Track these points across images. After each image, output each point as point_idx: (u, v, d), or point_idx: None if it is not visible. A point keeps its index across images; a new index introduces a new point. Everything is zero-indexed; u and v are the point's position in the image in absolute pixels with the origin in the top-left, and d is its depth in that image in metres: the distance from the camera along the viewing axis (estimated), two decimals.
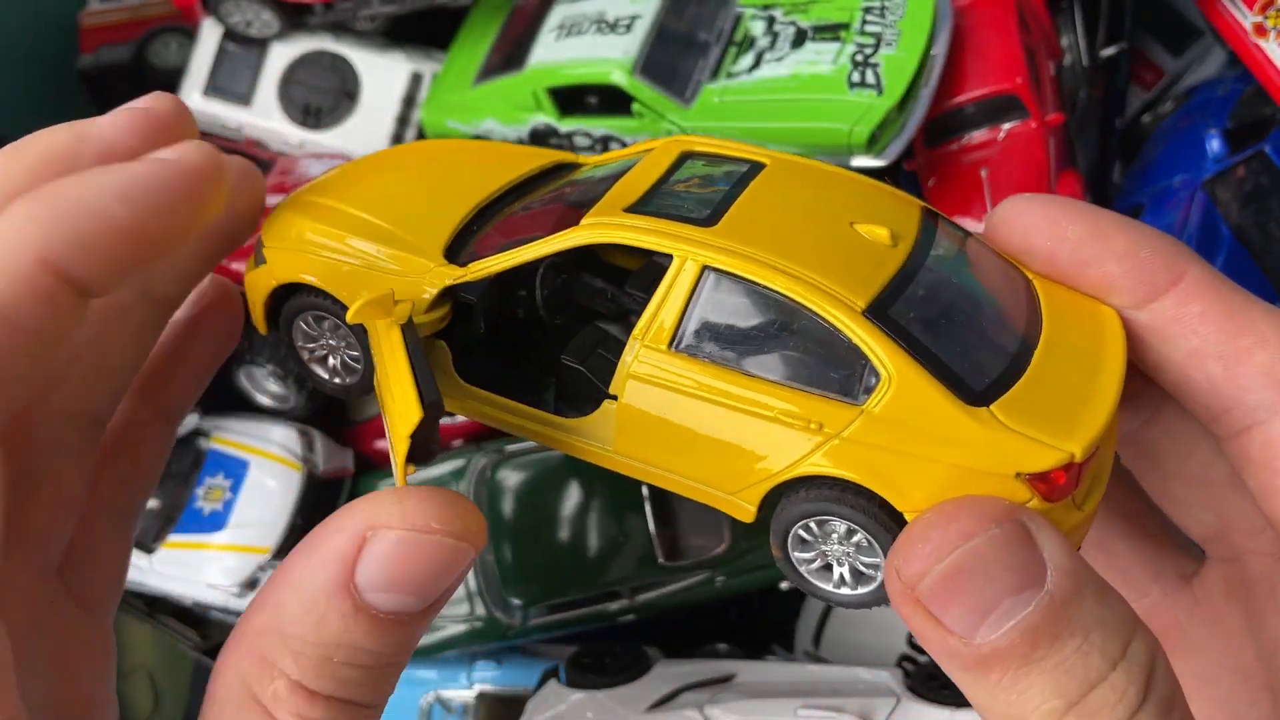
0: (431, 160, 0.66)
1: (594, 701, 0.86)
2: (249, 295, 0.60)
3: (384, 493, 0.45)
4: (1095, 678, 0.42)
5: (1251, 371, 0.50)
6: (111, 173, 0.46)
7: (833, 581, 0.51)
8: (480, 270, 0.53)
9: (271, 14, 1.09)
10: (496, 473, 0.95)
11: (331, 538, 0.45)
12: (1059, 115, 0.96)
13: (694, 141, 0.58)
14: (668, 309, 0.50)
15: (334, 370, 0.59)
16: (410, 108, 1.13)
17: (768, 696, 0.84)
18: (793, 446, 0.48)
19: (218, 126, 1.16)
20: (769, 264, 0.48)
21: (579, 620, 0.96)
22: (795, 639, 1.02)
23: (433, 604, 0.46)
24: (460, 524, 0.45)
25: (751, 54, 0.96)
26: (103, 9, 1.26)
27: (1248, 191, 0.92)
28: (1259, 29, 0.94)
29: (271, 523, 1.01)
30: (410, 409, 0.47)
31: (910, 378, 0.46)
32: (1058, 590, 0.42)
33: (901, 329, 0.47)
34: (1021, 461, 0.45)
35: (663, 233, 0.50)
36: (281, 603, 0.44)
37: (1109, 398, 0.48)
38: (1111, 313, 0.53)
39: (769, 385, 0.48)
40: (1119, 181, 1.11)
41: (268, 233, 0.58)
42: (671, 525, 0.95)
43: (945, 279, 0.51)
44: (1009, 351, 0.49)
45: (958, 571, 0.42)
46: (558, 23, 1.04)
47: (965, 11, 0.98)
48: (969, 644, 0.42)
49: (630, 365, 0.50)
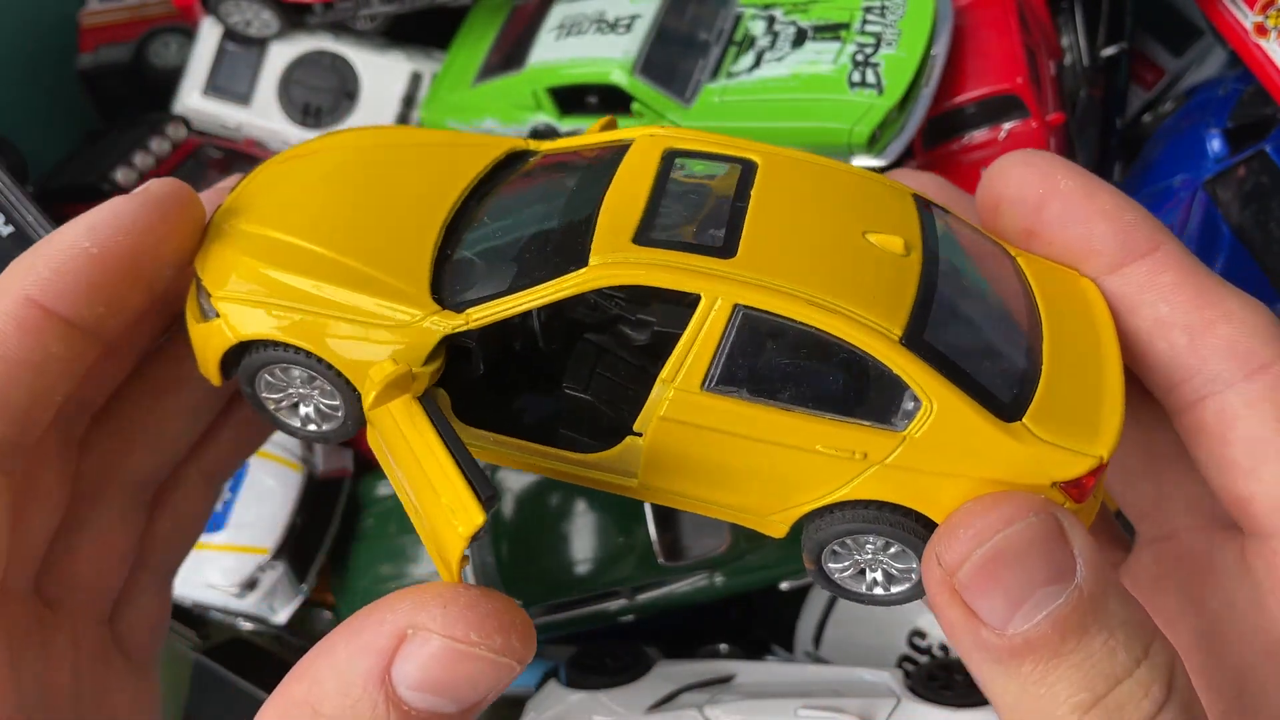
0: (365, 164, 0.58)
1: (594, 702, 0.85)
2: (198, 352, 0.55)
3: (432, 592, 0.44)
4: (1121, 673, 0.43)
5: (1214, 343, 0.51)
6: (83, 216, 0.50)
7: (865, 584, 0.52)
8: (484, 318, 0.49)
9: (271, 14, 1.09)
10: (497, 472, 0.95)
11: (374, 628, 0.44)
12: (1059, 115, 0.96)
13: (673, 137, 0.55)
14: (698, 349, 0.48)
15: (307, 418, 0.55)
16: (410, 108, 1.13)
17: (768, 697, 0.84)
18: (833, 475, 0.48)
19: (217, 126, 1.16)
20: (802, 298, 0.47)
21: (579, 620, 0.96)
22: (795, 639, 1.02)
23: (472, 708, 0.44)
24: (502, 640, 0.43)
25: (752, 54, 0.96)
26: (102, 8, 1.25)
27: (1248, 191, 0.91)
28: (1259, 29, 0.94)
29: (271, 523, 1.01)
30: (468, 511, 0.43)
31: (950, 402, 0.46)
32: (1086, 584, 0.43)
33: (936, 353, 0.47)
34: (1058, 471, 0.46)
35: (687, 269, 0.47)
36: (320, 679, 0.44)
37: (1118, 391, 0.49)
38: (1092, 287, 0.54)
39: (806, 419, 0.47)
40: (1119, 181, 1.11)
41: (209, 278, 0.52)
42: (672, 525, 0.95)
43: (958, 284, 0.51)
44: (1023, 352, 0.50)
45: (997, 557, 0.44)
46: (558, 22, 1.03)
47: (965, 11, 0.98)
48: (1002, 635, 0.43)
49: (661, 409, 0.48)
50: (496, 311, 0.49)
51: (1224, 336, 0.51)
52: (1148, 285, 0.53)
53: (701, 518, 0.96)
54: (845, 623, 0.99)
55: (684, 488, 0.51)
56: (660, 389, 0.49)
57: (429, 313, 0.49)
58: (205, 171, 1.07)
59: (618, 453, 0.50)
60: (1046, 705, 0.43)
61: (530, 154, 0.59)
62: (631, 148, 0.55)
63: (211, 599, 1.01)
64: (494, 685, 0.44)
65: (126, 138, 1.06)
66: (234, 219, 0.54)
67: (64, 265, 0.49)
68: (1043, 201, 0.55)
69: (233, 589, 1.01)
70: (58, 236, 0.50)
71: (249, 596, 1.01)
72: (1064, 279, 0.54)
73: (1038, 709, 0.44)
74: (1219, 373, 0.51)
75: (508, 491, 0.95)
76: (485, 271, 0.51)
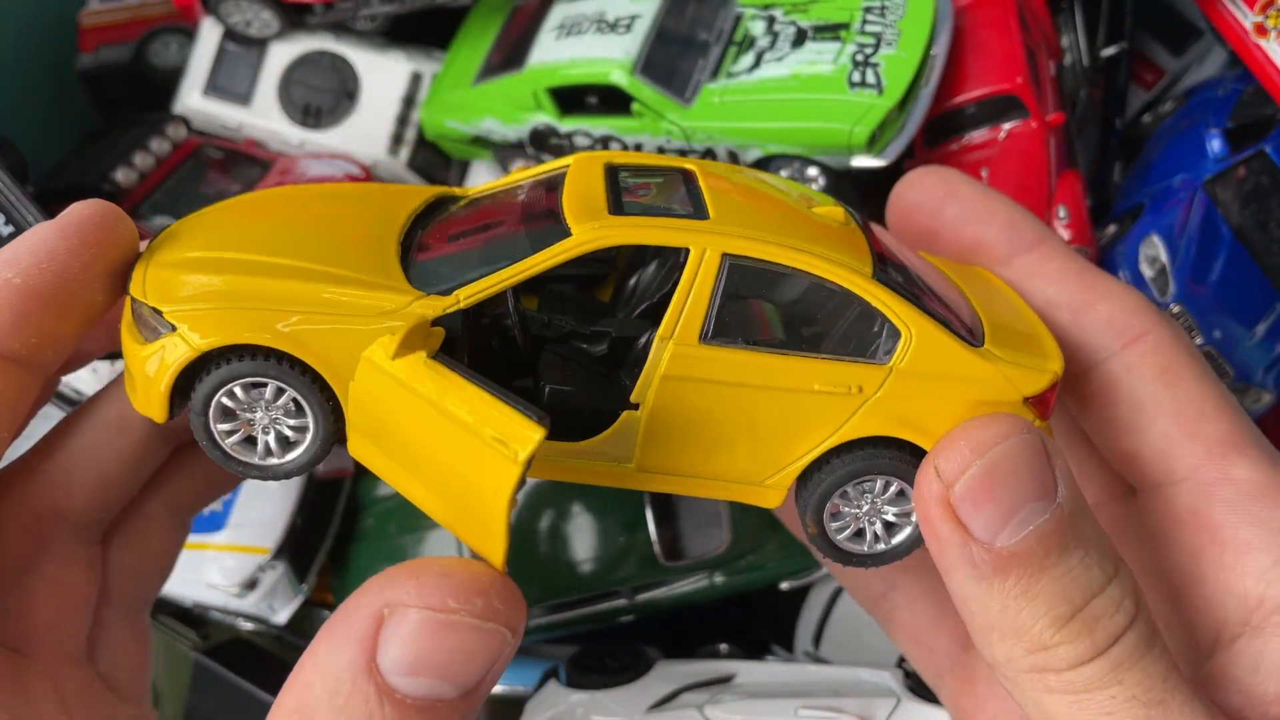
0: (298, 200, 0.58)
1: (594, 702, 0.85)
2: (139, 377, 0.50)
3: (403, 569, 0.43)
4: (1096, 588, 0.46)
5: (1095, 318, 0.57)
6: (5, 247, 0.50)
7: (866, 543, 0.54)
8: (474, 295, 0.49)
9: (271, 14, 1.09)
10: None
11: (350, 617, 0.43)
12: (1059, 115, 0.96)
13: (609, 156, 0.57)
14: (693, 303, 0.50)
15: (266, 450, 0.51)
16: (410, 107, 1.13)
17: (768, 697, 0.84)
18: (832, 416, 0.51)
19: (217, 126, 1.16)
20: (786, 244, 0.50)
21: (579, 620, 0.96)
22: (795, 639, 1.02)
23: (472, 690, 0.43)
24: (483, 602, 0.42)
25: (752, 54, 0.96)
26: (102, 9, 1.25)
27: (1248, 191, 0.92)
28: (1259, 29, 0.94)
29: (271, 523, 1.01)
30: (525, 430, 0.42)
31: (926, 329, 0.50)
32: (1066, 503, 0.47)
33: (904, 288, 0.51)
34: (1026, 386, 0.51)
35: (675, 227, 0.50)
36: (309, 683, 0.43)
37: (1044, 329, 0.55)
38: (988, 272, 0.60)
39: (803, 360, 0.50)
40: (1119, 181, 1.11)
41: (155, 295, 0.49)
42: (672, 525, 0.95)
43: (897, 250, 0.55)
44: (964, 302, 0.54)
45: (993, 469, 0.47)
46: (558, 22, 1.03)
47: (965, 11, 0.98)
48: (990, 549, 0.46)
49: (661, 368, 0.50)
50: (488, 287, 0.49)
51: (1103, 313, 0.57)
52: (1035, 273, 0.59)
53: (702, 517, 0.96)
54: (845, 623, 0.99)
55: (680, 461, 0.52)
56: (659, 347, 0.50)
57: (414, 298, 0.49)
58: (205, 172, 1.07)
59: (613, 432, 0.51)
60: (1027, 619, 0.46)
61: (458, 198, 0.59)
62: (571, 167, 0.55)
63: (212, 599, 1.01)
64: (488, 659, 0.43)
65: (126, 138, 1.06)
66: (167, 249, 0.52)
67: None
68: (943, 205, 0.62)
69: (233, 589, 1.01)
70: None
71: (249, 596, 1.01)
72: (964, 268, 0.60)
73: (1018, 623, 0.46)
74: (1101, 344, 0.57)
75: None
76: (458, 265, 0.50)
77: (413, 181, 1.14)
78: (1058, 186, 0.97)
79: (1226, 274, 0.91)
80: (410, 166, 1.14)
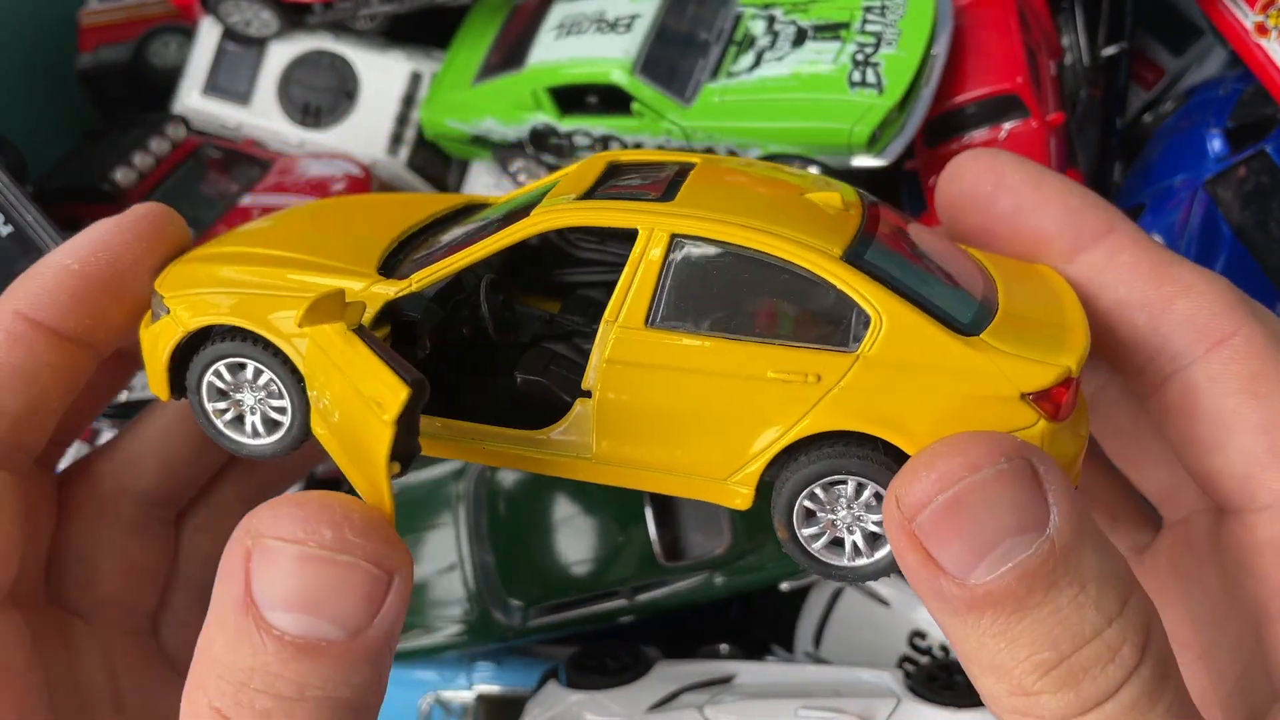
0: (335, 209, 0.63)
1: (594, 702, 0.85)
2: (147, 356, 0.55)
3: (268, 502, 0.43)
4: (1089, 632, 0.40)
5: (1173, 319, 0.50)
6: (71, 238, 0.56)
7: (846, 554, 0.49)
8: (426, 278, 0.49)
9: (271, 13, 1.09)
10: (497, 472, 0.95)
11: (228, 551, 0.43)
12: (1059, 115, 0.96)
13: (619, 155, 0.56)
14: (639, 285, 0.48)
15: (253, 430, 0.53)
16: (410, 107, 1.13)
17: (768, 697, 0.84)
18: (790, 407, 0.46)
19: (216, 126, 1.16)
20: (739, 223, 0.47)
21: (579, 620, 0.96)
22: (795, 639, 1.02)
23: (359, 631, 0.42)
24: (333, 534, 0.41)
25: (752, 53, 0.96)
26: (102, 8, 1.25)
27: (1249, 191, 0.91)
28: (1260, 28, 0.94)
29: None
30: (392, 391, 0.42)
31: (900, 314, 0.46)
32: (1059, 535, 0.41)
33: (882, 271, 0.47)
34: (1024, 380, 0.45)
35: (624, 209, 0.48)
36: (206, 626, 0.43)
37: (1081, 325, 0.49)
38: (1050, 270, 0.54)
39: (757, 346, 0.46)
40: (1119, 181, 1.11)
41: (165, 284, 0.54)
42: (671, 525, 0.95)
43: (902, 240, 0.51)
44: (976, 299, 0.49)
45: (960, 504, 0.41)
46: (557, 22, 1.03)
47: (966, 11, 0.98)
48: (962, 585, 0.41)
49: (606, 351, 0.48)
50: (439, 270, 0.49)
51: (1182, 312, 0.50)
52: (1105, 269, 0.52)
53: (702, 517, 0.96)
54: (845, 623, 0.99)
55: (637, 453, 0.49)
56: (604, 330, 0.48)
57: (372, 281, 0.50)
58: (205, 171, 1.07)
59: (569, 421, 0.49)
60: (1004, 661, 0.41)
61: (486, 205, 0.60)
62: (576, 166, 0.56)
63: None
64: (359, 596, 0.41)
65: (126, 138, 1.06)
66: (200, 249, 0.57)
67: (48, 282, 0.54)
68: (993, 197, 0.55)
69: None
70: (47, 258, 0.55)
71: None
72: (1021, 265, 0.54)
73: (995, 664, 0.41)
74: (1181, 349, 0.50)
75: (508, 491, 0.95)
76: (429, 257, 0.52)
77: (412, 181, 1.14)
78: None
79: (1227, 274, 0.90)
80: (410, 166, 1.14)
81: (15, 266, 0.85)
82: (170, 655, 0.64)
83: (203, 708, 0.42)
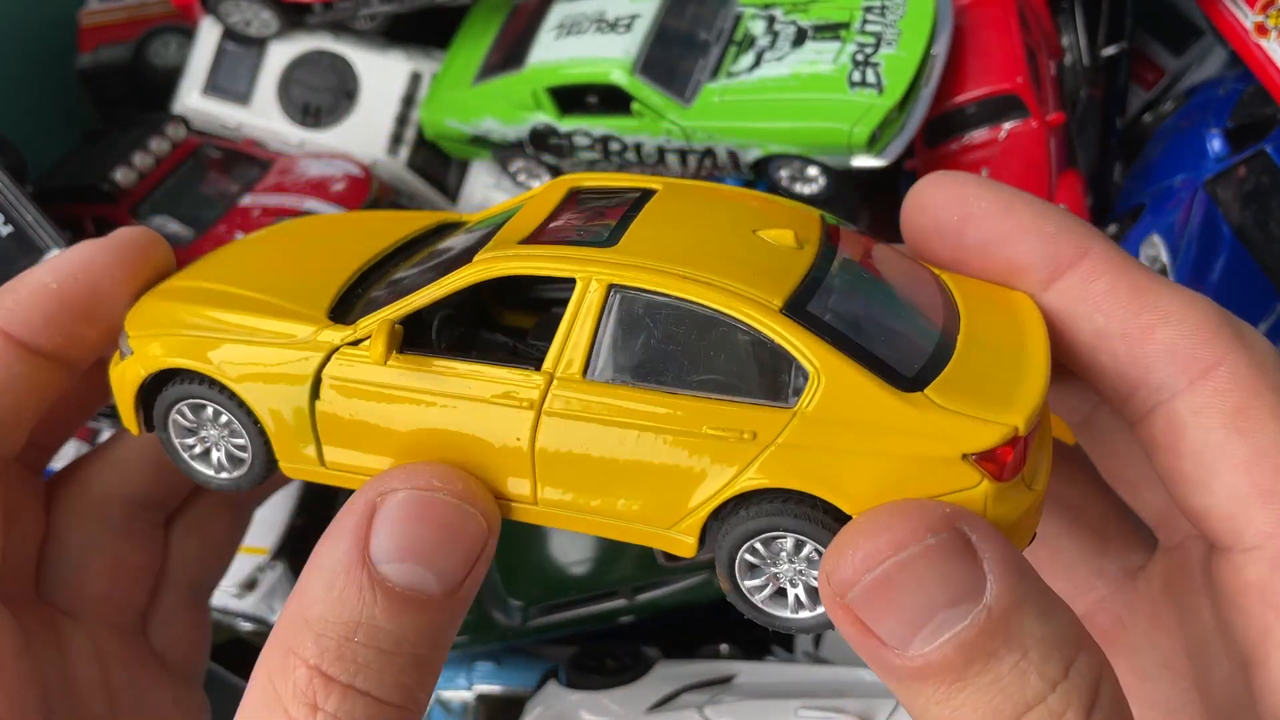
0: (307, 234, 0.63)
1: (594, 702, 0.85)
2: (116, 394, 0.56)
3: (394, 468, 0.47)
4: (1032, 698, 0.40)
5: (1155, 349, 0.48)
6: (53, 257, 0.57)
7: (789, 606, 0.49)
8: (369, 326, 0.49)
9: (271, 13, 1.09)
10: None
11: (346, 514, 0.46)
12: (1059, 115, 0.96)
13: (582, 178, 0.56)
14: (575, 337, 0.47)
15: (219, 465, 0.55)
16: (410, 107, 1.13)
17: (768, 697, 0.84)
18: (727, 463, 0.46)
19: (216, 126, 1.16)
20: (676, 274, 0.46)
21: (578, 621, 0.96)
22: (795, 639, 1.02)
23: (454, 589, 0.45)
24: (463, 485, 0.46)
25: (752, 53, 0.96)
26: (102, 8, 1.25)
27: (1249, 191, 0.91)
28: (1260, 28, 0.94)
29: (270, 523, 1.01)
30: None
31: (839, 370, 0.44)
32: (996, 604, 0.40)
33: (823, 324, 0.46)
34: (966, 441, 0.43)
35: (561, 257, 0.48)
36: (306, 587, 0.45)
37: (1040, 374, 0.47)
38: (1025, 298, 0.51)
39: (694, 401, 0.46)
40: (1119, 181, 1.11)
41: (131, 323, 0.55)
42: None
43: (857, 277, 0.49)
44: (931, 341, 0.48)
45: (887, 583, 0.41)
46: (557, 22, 1.03)
47: (966, 11, 0.98)
48: (901, 655, 0.41)
49: (545, 404, 0.47)
50: (385, 315, 0.49)
51: (1164, 341, 0.48)
52: (1080, 298, 0.50)
53: None
54: None
55: (578, 501, 0.49)
56: (541, 382, 0.47)
57: (320, 327, 0.50)
58: (205, 171, 1.07)
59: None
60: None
61: (462, 224, 0.60)
62: (535, 194, 0.55)
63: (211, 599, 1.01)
64: (468, 546, 0.45)
65: (126, 138, 1.06)
66: (171, 281, 0.58)
67: (23, 298, 0.55)
68: (960, 229, 0.52)
69: (232, 589, 1.01)
70: (28, 273, 0.56)
71: (249, 597, 1.01)
72: (992, 292, 0.52)
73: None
74: (1163, 381, 0.48)
75: None
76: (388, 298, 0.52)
77: (412, 181, 1.14)
78: (1058, 186, 0.97)
79: (1227, 274, 0.91)
80: (410, 166, 1.14)
81: (15, 266, 0.85)
82: (159, 653, 0.65)
83: (297, 671, 0.43)
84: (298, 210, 1.01)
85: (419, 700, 0.45)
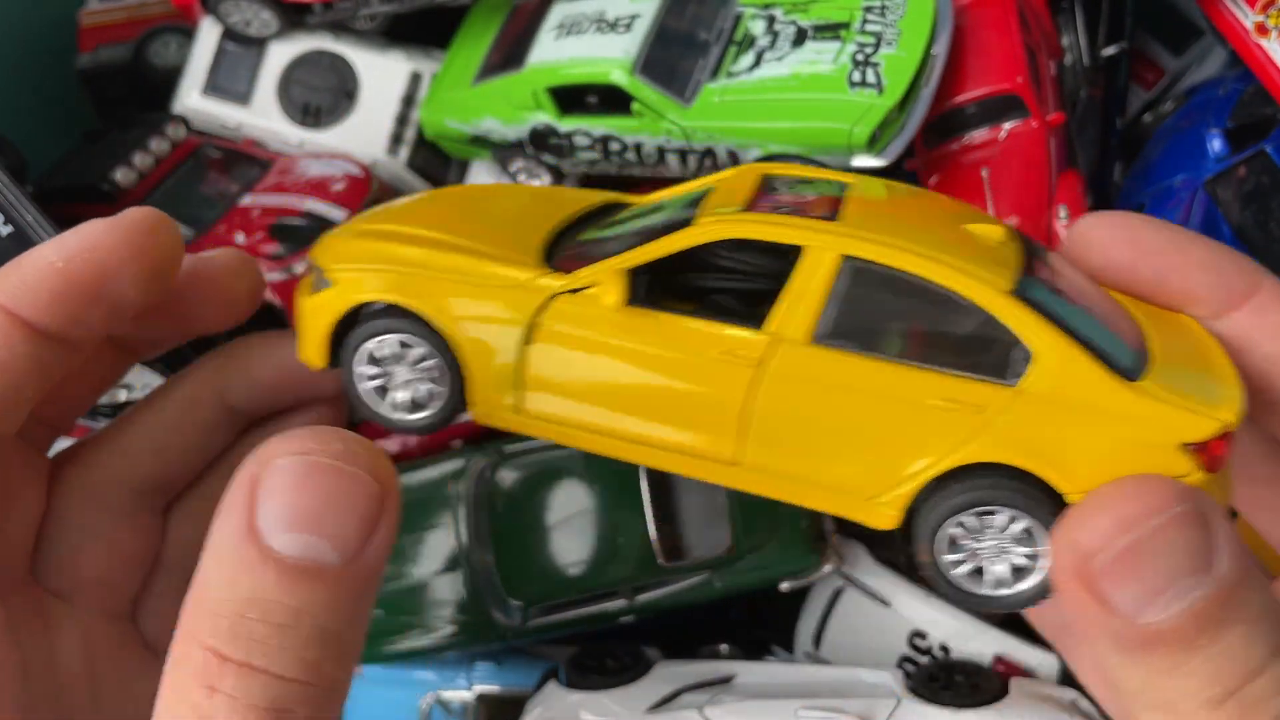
0: (475, 198, 0.64)
1: (594, 702, 0.85)
2: (307, 323, 0.56)
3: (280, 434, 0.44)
4: (1257, 667, 0.42)
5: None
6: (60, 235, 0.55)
7: (988, 583, 0.50)
8: (592, 275, 0.50)
9: (271, 13, 1.09)
10: (496, 473, 0.95)
11: (232, 488, 0.44)
12: (1059, 115, 0.96)
13: (770, 167, 0.57)
14: (805, 301, 0.48)
15: (395, 405, 0.55)
16: (410, 107, 1.13)
17: (768, 697, 0.84)
18: (949, 435, 0.47)
19: (216, 126, 1.16)
20: (909, 249, 0.47)
21: (578, 621, 0.96)
22: (795, 639, 1.02)
23: (353, 557, 0.43)
24: (343, 446, 0.43)
25: (752, 53, 0.96)
26: (101, 8, 1.25)
27: (1249, 191, 0.91)
28: (1260, 28, 0.94)
29: None
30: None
31: (1066, 353, 0.46)
32: (1227, 576, 0.42)
33: (1048, 310, 0.47)
34: (1184, 431, 0.45)
35: (794, 225, 0.48)
36: (202, 569, 0.44)
37: (1235, 379, 0.49)
38: (1191, 320, 0.54)
39: (920, 372, 0.47)
40: (1119, 181, 1.11)
41: (325, 257, 0.55)
42: (672, 525, 0.95)
43: (1062, 271, 0.51)
44: (1130, 341, 0.49)
45: (1139, 548, 0.42)
46: (557, 22, 1.03)
47: (966, 11, 0.98)
48: (1133, 625, 0.42)
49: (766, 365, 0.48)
50: (606, 268, 0.50)
51: None
52: (1253, 327, 0.52)
53: (702, 518, 0.96)
54: (845, 623, 0.99)
55: (787, 464, 0.50)
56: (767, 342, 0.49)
57: (539, 273, 0.51)
58: (205, 171, 1.07)
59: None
60: (1174, 697, 0.42)
61: (626, 205, 0.61)
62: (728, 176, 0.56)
63: None
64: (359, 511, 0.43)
65: (126, 137, 1.06)
66: (352, 222, 0.59)
67: (30, 276, 0.54)
68: (1134, 266, 0.55)
69: None
70: (34, 250, 0.55)
71: None
72: (1159, 311, 0.54)
73: (1164, 700, 0.43)
74: None
75: (508, 492, 0.95)
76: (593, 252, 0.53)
77: (412, 182, 1.14)
78: (1058, 186, 0.97)
79: None
80: (410, 166, 1.14)
81: None
82: (149, 640, 0.64)
83: (195, 655, 0.42)
84: (298, 210, 1.01)
85: (330, 675, 0.43)
